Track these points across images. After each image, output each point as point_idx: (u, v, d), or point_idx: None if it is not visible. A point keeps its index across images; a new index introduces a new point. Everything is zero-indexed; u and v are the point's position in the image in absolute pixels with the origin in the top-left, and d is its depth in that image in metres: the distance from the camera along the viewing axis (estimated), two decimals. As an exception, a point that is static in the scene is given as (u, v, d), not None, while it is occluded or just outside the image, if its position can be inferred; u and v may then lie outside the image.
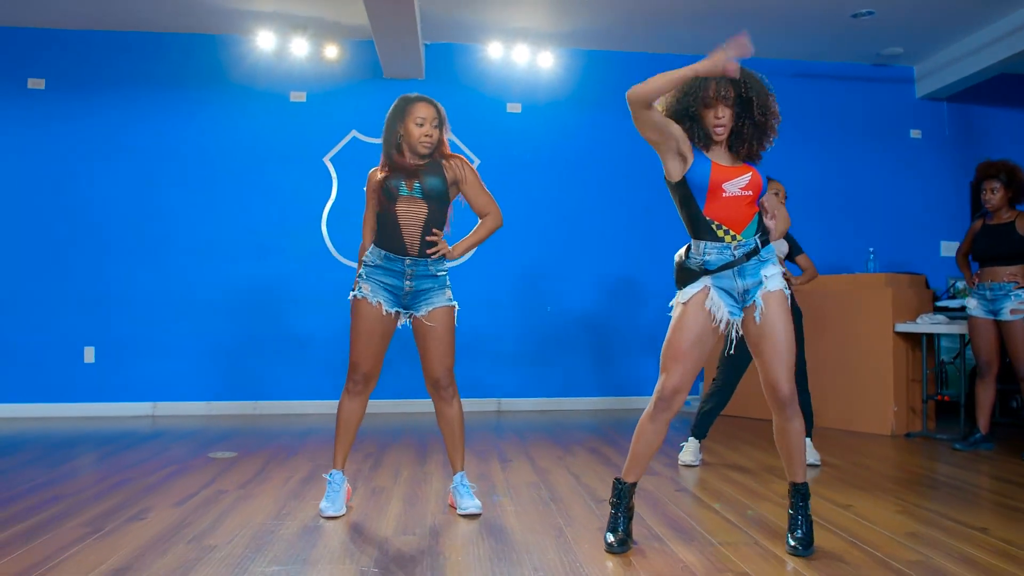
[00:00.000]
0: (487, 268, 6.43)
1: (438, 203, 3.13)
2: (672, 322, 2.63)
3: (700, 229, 2.59)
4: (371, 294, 3.12)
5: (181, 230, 6.24)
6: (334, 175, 6.41)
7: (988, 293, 4.69)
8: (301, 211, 6.33)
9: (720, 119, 2.56)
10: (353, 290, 3.16)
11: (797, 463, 2.66)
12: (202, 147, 6.30)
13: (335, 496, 3.17)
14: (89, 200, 6.12)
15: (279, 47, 6.23)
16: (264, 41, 6.17)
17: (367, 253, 3.19)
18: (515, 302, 6.50)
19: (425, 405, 6.37)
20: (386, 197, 3.11)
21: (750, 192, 2.56)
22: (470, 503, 3.16)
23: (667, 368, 2.60)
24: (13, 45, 6.22)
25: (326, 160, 6.43)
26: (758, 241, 2.58)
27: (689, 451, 4.22)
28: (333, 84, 6.46)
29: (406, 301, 3.15)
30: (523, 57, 6.47)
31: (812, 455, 4.16)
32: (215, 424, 5.69)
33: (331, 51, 6.29)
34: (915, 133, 7.13)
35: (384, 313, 3.12)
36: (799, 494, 2.68)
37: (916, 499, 3.44)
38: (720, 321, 2.57)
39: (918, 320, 5.22)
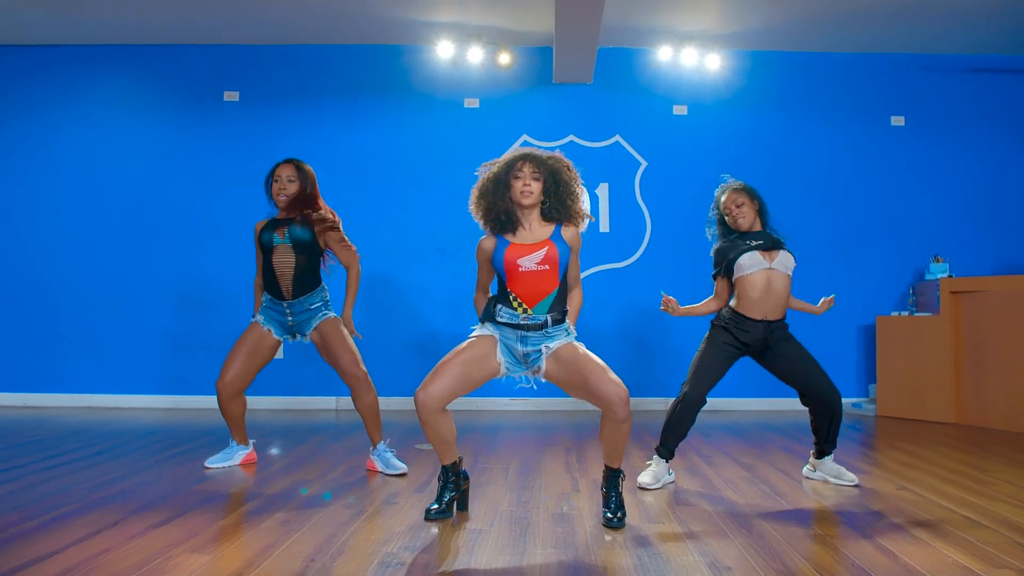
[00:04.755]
0: (657, 268, 6.52)
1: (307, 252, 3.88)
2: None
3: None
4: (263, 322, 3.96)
5: (360, 233, 6.53)
6: (507, 178, 6.63)
7: None
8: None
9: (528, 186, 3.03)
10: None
11: (621, 454, 3.04)
12: (385, 153, 6.64)
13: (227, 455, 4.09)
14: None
15: (456, 55, 6.49)
16: (443, 50, 6.43)
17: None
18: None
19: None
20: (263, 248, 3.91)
21: (547, 266, 2.98)
22: (399, 464, 3.92)
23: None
24: (211, 61, 6.71)
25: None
26: (549, 318, 2.99)
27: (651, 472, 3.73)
28: (504, 90, 6.68)
29: (293, 329, 3.96)
30: (691, 59, 6.53)
31: (849, 474, 3.75)
32: (392, 419, 5.96)
33: (504, 58, 6.50)
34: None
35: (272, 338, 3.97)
36: (615, 477, 3.07)
37: None
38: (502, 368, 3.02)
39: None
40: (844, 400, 6.57)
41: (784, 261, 3.75)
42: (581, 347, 3.00)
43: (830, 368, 6.64)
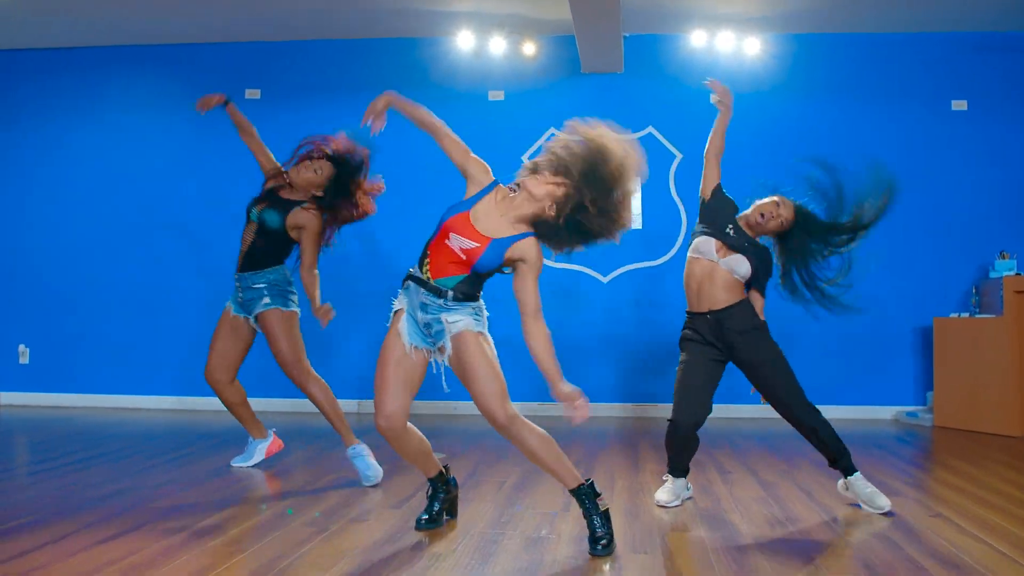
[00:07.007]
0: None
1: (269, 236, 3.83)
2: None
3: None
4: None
5: (377, 233, 6.32)
6: (532, 174, 6.35)
7: None
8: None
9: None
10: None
11: (559, 474, 2.72)
12: (407, 149, 6.41)
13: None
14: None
15: (478, 47, 6.23)
16: (463, 41, 6.18)
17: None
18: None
19: (630, 409, 6.24)
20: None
21: (464, 256, 2.69)
22: (370, 474, 3.66)
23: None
24: (232, 60, 6.61)
25: (525, 158, 6.35)
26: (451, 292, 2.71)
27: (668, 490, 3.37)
28: (531, 81, 6.39)
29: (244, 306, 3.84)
30: (727, 45, 6.12)
31: (881, 499, 3.23)
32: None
33: (528, 48, 6.21)
34: None
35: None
36: (579, 498, 2.72)
37: None
38: (407, 346, 2.74)
39: None
40: (898, 408, 6.08)
41: (734, 264, 3.36)
42: (484, 342, 2.73)
43: (884, 374, 6.22)
